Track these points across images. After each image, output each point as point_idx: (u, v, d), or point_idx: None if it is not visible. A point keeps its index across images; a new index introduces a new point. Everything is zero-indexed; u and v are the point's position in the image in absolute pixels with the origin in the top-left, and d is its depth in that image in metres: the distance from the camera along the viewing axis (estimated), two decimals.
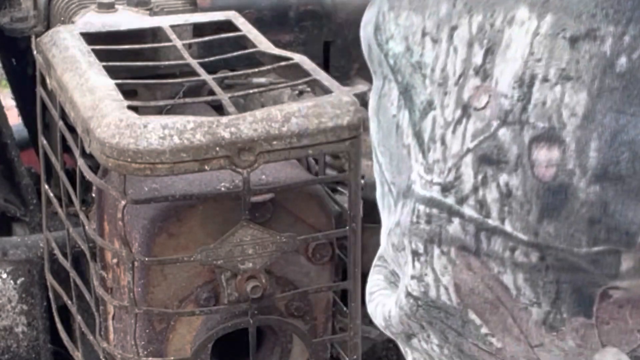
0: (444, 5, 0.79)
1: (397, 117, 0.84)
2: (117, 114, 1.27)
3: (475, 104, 0.77)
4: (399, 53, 0.83)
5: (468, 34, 0.77)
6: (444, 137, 0.79)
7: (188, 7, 1.84)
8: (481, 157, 0.76)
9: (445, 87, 0.79)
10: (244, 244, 1.31)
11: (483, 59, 0.76)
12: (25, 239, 1.85)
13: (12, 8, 1.94)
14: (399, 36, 0.83)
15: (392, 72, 0.84)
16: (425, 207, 0.80)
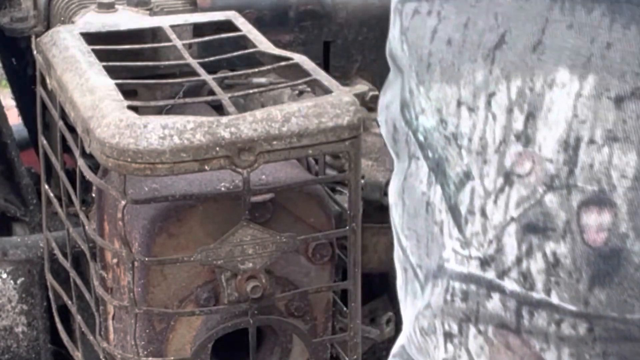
0: (480, 72, 0.76)
1: (427, 195, 0.80)
2: (117, 114, 1.27)
3: (518, 170, 0.74)
4: (431, 127, 0.79)
5: (507, 99, 0.74)
6: (484, 207, 0.76)
7: (188, 7, 1.84)
8: (526, 226, 0.73)
9: (485, 155, 0.76)
10: (244, 244, 1.31)
11: (524, 124, 0.73)
12: (25, 239, 1.85)
13: (12, 8, 1.94)
14: (430, 110, 0.79)
15: (422, 148, 0.81)
16: (462, 284, 0.77)
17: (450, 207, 0.78)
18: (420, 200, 0.81)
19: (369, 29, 1.96)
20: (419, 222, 0.81)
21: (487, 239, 0.75)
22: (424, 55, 0.79)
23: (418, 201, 0.81)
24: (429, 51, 0.79)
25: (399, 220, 0.85)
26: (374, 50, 1.97)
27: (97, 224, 1.50)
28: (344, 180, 1.38)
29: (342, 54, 1.95)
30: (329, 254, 1.44)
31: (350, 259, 1.38)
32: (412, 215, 0.82)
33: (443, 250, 0.79)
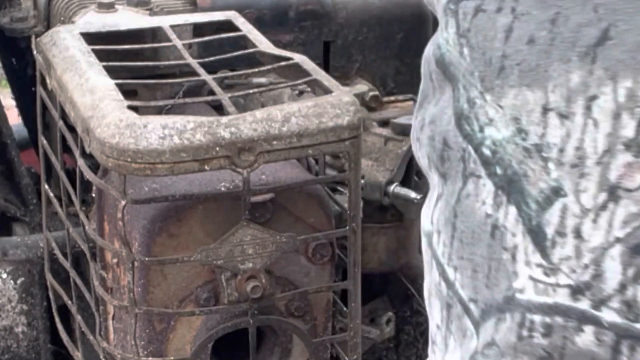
0: (576, 74, 0.67)
1: (495, 217, 0.71)
2: (117, 114, 1.27)
3: (626, 184, 0.65)
4: (504, 139, 0.70)
5: (613, 103, 0.65)
6: (580, 228, 0.66)
7: (188, 7, 1.84)
8: (635, 248, 0.64)
9: (582, 168, 0.66)
10: (244, 244, 1.31)
11: (636, 131, 0.65)
12: (25, 239, 1.85)
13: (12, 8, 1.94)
14: (502, 119, 0.70)
15: (487, 164, 0.71)
16: (543, 317, 0.68)
17: (531, 229, 0.69)
18: (483, 224, 0.72)
19: (369, 29, 1.96)
20: (478, 250, 0.72)
21: (581, 263, 0.67)
22: (495, 58, 0.71)
23: (479, 225, 0.72)
24: (503, 53, 0.70)
25: (445, 250, 0.75)
26: (374, 50, 1.97)
27: (97, 224, 1.50)
28: (344, 180, 1.38)
29: (342, 54, 1.95)
30: (329, 254, 1.44)
31: (350, 259, 1.38)
32: (467, 243, 0.73)
33: (514, 280, 0.70)
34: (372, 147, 1.71)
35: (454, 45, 0.74)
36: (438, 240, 0.76)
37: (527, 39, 0.69)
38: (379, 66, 1.99)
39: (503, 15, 0.70)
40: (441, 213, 0.75)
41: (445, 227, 0.75)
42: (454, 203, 0.74)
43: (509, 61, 0.70)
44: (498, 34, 0.71)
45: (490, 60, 0.71)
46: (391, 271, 1.86)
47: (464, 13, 0.73)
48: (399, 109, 1.87)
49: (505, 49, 0.70)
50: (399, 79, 2.00)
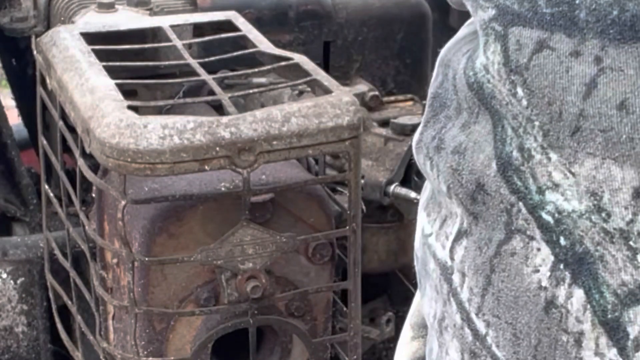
0: None
1: (551, 292, 0.61)
2: (117, 114, 1.27)
3: None
4: (575, 212, 0.60)
5: None
6: None
7: (188, 7, 1.84)
8: None
9: None
10: (244, 244, 1.31)
11: None
12: (25, 239, 1.85)
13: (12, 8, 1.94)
14: (575, 190, 0.59)
15: (543, 230, 0.61)
16: None
17: (606, 322, 0.59)
18: (534, 294, 0.62)
19: (369, 29, 1.96)
20: (523, 318, 0.63)
21: None
22: (568, 114, 0.59)
23: (526, 293, 0.63)
24: (581, 111, 0.58)
25: (472, 298, 0.66)
26: (374, 50, 1.97)
27: (97, 224, 1.50)
28: (344, 180, 1.38)
29: (342, 54, 1.95)
30: (329, 254, 1.44)
31: (350, 259, 1.38)
32: (507, 305, 0.64)
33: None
34: (372, 147, 1.71)
35: (500, 79, 0.62)
36: (461, 282, 0.68)
37: (618, 103, 0.57)
38: (379, 66, 1.99)
39: (583, 63, 0.58)
40: (469, 256, 0.67)
41: (475, 275, 0.66)
42: (491, 254, 0.65)
43: (588, 123, 0.58)
44: (574, 85, 0.58)
45: (559, 114, 0.59)
46: (391, 271, 1.86)
47: (519, 43, 0.61)
48: (399, 109, 1.87)
49: (585, 107, 0.58)
50: (399, 79, 2.00)
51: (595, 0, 0.56)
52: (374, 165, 1.69)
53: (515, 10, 0.60)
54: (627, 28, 0.55)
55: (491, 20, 0.61)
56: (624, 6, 0.55)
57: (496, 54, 0.62)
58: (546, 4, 0.58)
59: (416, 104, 1.90)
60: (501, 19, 0.61)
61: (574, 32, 0.57)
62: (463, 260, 0.67)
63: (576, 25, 0.57)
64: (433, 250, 0.71)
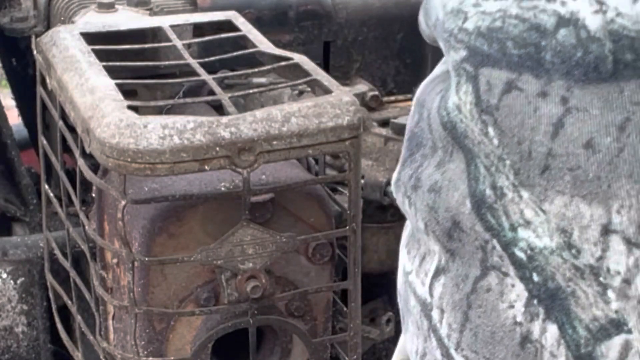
0: None
1: (525, 328, 0.62)
2: (117, 114, 1.27)
3: None
4: (546, 249, 0.60)
5: None
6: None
7: (188, 7, 1.84)
8: None
9: None
10: (244, 244, 1.31)
11: None
12: (25, 239, 1.85)
13: (12, 8, 1.94)
14: (546, 227, 0.60)
15: (517, 267, 0.62)
16: None
17: (579, 356, 0.60)
18: (509, 330, 0.63)
19: (369, 29, 1.96)
20: (500, 352, 0.64)
21: None
22: (537, 153, 0.59)
23: (502, 328, 0.63)
24: (549, 150, 0.59)
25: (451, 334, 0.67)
26: (374, 50, 1.97)
27: (97, 224, 1.50)
28: (344, 180, 1.38)
29: (342, 54, 1.95)
30: (329, 254, 1.44)
31: (350, 259, 1.38)
32: (485, 341, 0.65)
33: None
34: (372, 147, 1.71)
35: (472, 119, 0.63)
36: (440, 318, 0.68)
37: (584, 142, 0.57)
38: (379, 66, 1.99)
39: (550, 104, 0.59)
40: (447, 292, 0.67)
41: (453, 311, 0.66)
42: (467, 290, 0.65)
43: (557, 162, 0.59)
44: (542, 125, 0.59)
45: (529, 153, 0.60)
46: (391, 271, 1.86)
47: (489, 84, 0.61)
48: (399, 109, 1.87)
49: (553, 146, 0.59)
50: (399, 79, 2.00)
51: (559, 42, 0.57)
52: (374, 165, 1.69)
53: (485, 52, 0.61)
54: (591, 69, 0.56)
55: (462, 60, 0.63)
56: (587, 48, 0.56)
57: (468, 94, 0.62)
58: (514, 45, 0.59)
59: None
60: (472, 59, 0.62)
61: (541, 73, 0.58)
62: (441, 297, 0.67)
63: (542, 67, 0.58)
64: (414, 287, 0.71)
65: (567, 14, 0.57)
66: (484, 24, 0.61)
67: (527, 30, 0.58)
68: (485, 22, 0.61)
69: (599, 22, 0.56)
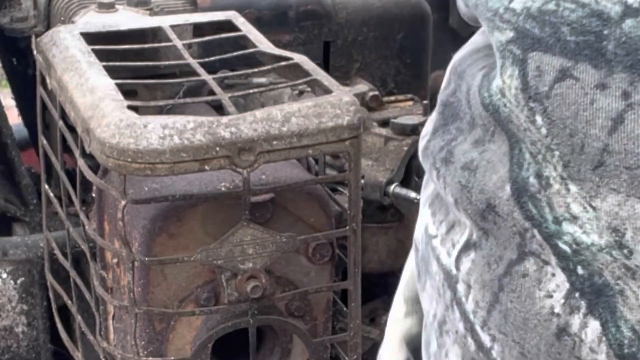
0: None
1: (565, 320, 0.59)
2: (117, 114, 1.27)
3: None
4: (594, 245, 0.57)
5: None
6: None
7: (188, 7, 1.84)
8: None
9: None
10: (244, 244, 1.31)
11: None
12: (25, 239, 1.85)
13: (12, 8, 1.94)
14: (595, 224, 0.56)
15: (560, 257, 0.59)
16: None
17: (622, 356, 0.57)
18: (545, 319, 0.60)
19: (369, 29, 1.96)
20: (532, 339, 0.61)
21: None
22: (591, 147, 0.56)
23: (537, 317, 0.60)
24: (605, 146, 0.55)
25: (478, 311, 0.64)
26: (374, 50, 1.97)
27: (97, 224, 1.50)
28: (344, 180, 1.38)
29: (342, 54, 1.95)
30: (329, 254, 1.44)
31: (350, 259, 1.38)
32: (515, 325, 0.61)
33: None
34: (372, 147, 1.71)
35: (517, 105, 0.59)
36: (467, 293, 0.65)
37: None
38: (379, 66, 1.99)
39: (609, 97, 0.55)
40: (476, 270, 0.64)
41: (482, 290, 0.63)
42: (500, 273, 0.62)
43: (613, 159, 0.55)
44: (599, 119, 0.55)
45: (581, 146, 0.56)
46: (391, 271, 1.86)
47: (539, 69, 0.57)
48: (399, 109, 1.87)
49: (610, 142, 0.55)
50: (399, 79, 2.00)
51: (625, 33, 0.54)
52: (374, 165, 1.69)
53: (535, 35, 0.57)
54: None
55: (509, 42, 0.59)
56: None
57: (513, 78, 0.59)
58: (570, 31, 0.56)
59: (416, 104, 1.90)
60: (520, 42, 0.58)
61: (601, 64, 0.55)
62: (469, 273, 0.65)
63: (603, 57, 0.55)
64: (437, 253, 0.68)
65: (636, 3, 0.53)
66: (534, 4, 0.57)
67: (587, 17, 0.54)
68: (536, 3, 0.57)
69: None
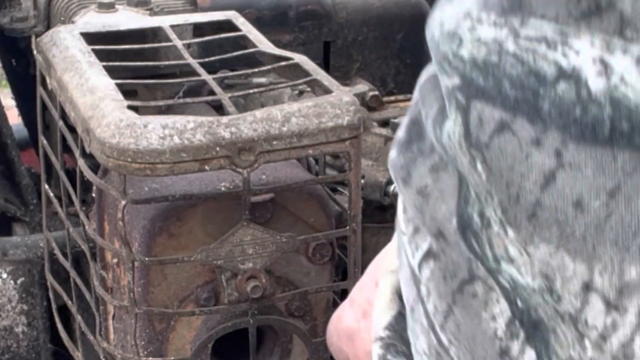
0: (635, 269, 0.54)
1: (506, 345, 0.61)
2: (117, 114, 1.27)
3: None
4: (527, 286, 0.59)
5: None
6: None
7: (188, 7, 1.84)
8: None
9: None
10: (244, 244, 1.31)
11: None
12: (25, 239, 1.85)
13: (12, 8, 1.95)
14: (528, 268, 0.59)
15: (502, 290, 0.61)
16: None
17: None
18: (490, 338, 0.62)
19: (369, 29, 1.96)
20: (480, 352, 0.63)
21: None
22: (525, 199, 0.58)
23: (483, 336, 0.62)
24: (537, 199, 0.57)
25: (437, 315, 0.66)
26: (374, 50, 1.97)
27: (97, 224, 1.50)
28: (344, 180, 1.38)
29: (342, 54, 1.95)
30: (329, 254, 1.44)
31: (350, 259, 1.38)
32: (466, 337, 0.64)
33: None
34: (372, 147, 1.71)
35: (460, 148, 0.60)
36: (427, 295, 0.66)
37: (574, 200, 0.56)
38: (379, 66, 1.99)
39: (543, 153, 0.56)
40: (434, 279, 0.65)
41: (439, 298, 0.65)
42: (454, 288, 0.64)
43: (545, 212, 0.57)
44: (533, 174, 0.57)
45: (517, 197, 0.58)
46: None
47: (480, 119, 0.59)
48: (399, 109, 1.87)
49: (542, 197, 0.57)
50: (399, 79, 2.00)
51: (558, 95, 0.55)
52: (374, 165, 1.69)
53: (480, 85, 0.58)
54: (589, 130, 0.55)
55: (455, 88, 0.60)
56: (586, 108, 0.54)
57: (457, 124, 0.60)
58: (510, 85, 0.57)
59: None
60: (465, 90, 0.59)
61: (537, 120, 0.56)
62: (429, 280, 0.66)
63: (539, 115, 0.56)
64: (405, 250, 0.70)
65: (569, 68, 0.55)
66: (480, 54, 0.58)
67: (526, 74, 0.56)
68: (482, 53, 0.58)
69: (602, 86, 0.54)
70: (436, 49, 0.61)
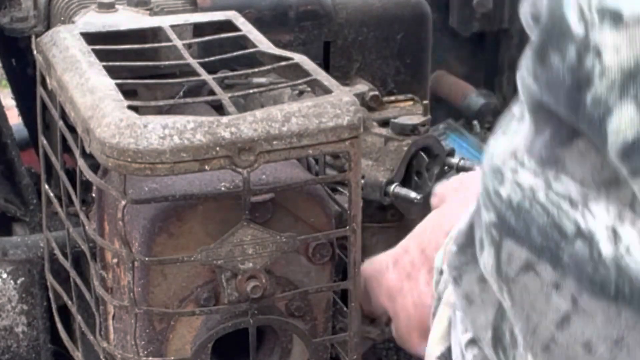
0: None
1: None
2: (117, 114, 1.27)
3: None
4: None
5: None
6: None
7: (188, 7, 1.84)
8: None
9: None
10: (244, 244, 1.31)
11: None
12: (25, 239, 1.85)
13: (12, 8, 1.94)
14: None
15: None
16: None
17: None
18: None
19: (369, 29, 1.96)
20: None
21: None
22: (542, 333, 0.63)
23: None
24: (553, 335, 0.63)
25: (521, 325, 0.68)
26: (374, 50, 1.97)
27: (97, 224, 1.50)
28: (344, 180, 1.38)
29: (342, 54, 1.95)
30: (329, 254, 1.44)
31: (350, 259, 1.38)
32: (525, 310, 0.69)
33: None
34: (372, 147, 1.71)
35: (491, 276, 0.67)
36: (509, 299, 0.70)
37: (584, 341, 0.62)
38: (379, 66, 1.99)
39: (561, 297, 0.63)
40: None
41: None
42: None
43: (558, 348, 0.63)
44: (551, 313, 0.63)
45: (535, 329, 0.64)
46: None
47: (509, 256, 0.65)
48: (399, 109, 1.87)
49: (557, 334, 0.63)
50: (399, 79, 2.00)
51: (575, 251, 0.61)
52: (374, 165, 1.69)
53: (512, 225, 0.64)
54: (598, 287, 0.60)
55: (491, 224, 0.66)
56: (597, 268, 0.60)
57: (490, 256, 0.66)
58: (537, 232, 0.63)
59: (416, 104, 1.90)
60: (500, 227, 0.65)
61: (557, 267, 0.62)
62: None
63: (559, 262, 0.62)
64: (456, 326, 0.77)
65: (586, 229, 0.61)
66: (516, 197, 0.64)
67: (550, 226, 0.62)
68: (517, 196, 0.63)
69: (611, 252, 0.60)
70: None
